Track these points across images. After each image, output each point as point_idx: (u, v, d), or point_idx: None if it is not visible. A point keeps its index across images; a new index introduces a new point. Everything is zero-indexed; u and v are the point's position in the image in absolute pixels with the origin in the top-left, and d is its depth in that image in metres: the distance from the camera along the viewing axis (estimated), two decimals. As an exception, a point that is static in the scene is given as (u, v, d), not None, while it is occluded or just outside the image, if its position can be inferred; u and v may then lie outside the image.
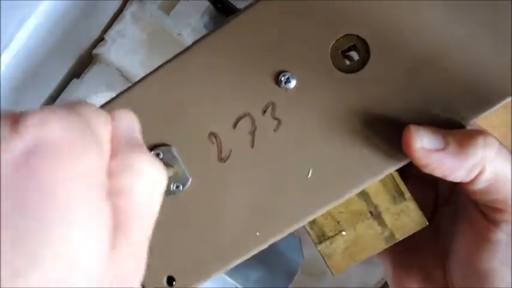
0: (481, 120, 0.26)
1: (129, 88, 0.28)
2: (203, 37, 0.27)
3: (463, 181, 0.24)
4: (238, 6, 0.57)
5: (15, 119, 0.16)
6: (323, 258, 0.28)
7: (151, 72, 0.28)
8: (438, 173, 0.24)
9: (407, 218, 0.27)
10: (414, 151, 0.24)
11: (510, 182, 0.24)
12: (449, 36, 0.25)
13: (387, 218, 0.27)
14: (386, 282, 0.61)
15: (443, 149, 0.24)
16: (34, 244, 0.14)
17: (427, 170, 0.25)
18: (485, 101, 0.25)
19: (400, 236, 0.28)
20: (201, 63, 0.27)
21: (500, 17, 0.24)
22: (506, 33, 0.24)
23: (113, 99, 0.28)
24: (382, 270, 0.62)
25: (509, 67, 0.24)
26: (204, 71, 0.27)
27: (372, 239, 0.28)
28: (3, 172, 0.15)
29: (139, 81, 0.28)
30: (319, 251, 0.28)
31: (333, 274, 0.28)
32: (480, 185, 0.24)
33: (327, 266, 0.28)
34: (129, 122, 0.20)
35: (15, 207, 0.15)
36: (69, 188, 0.15)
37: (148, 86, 0.28)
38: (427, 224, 0.28)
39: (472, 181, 0.24)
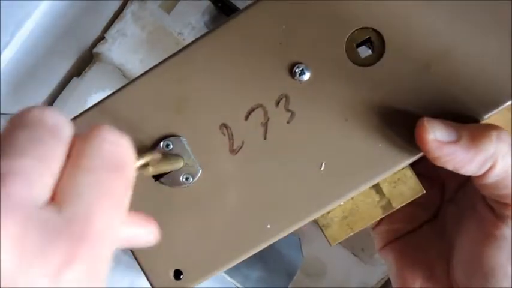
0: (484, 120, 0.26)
1: (139, 77, 0.27)
2: (215, 28, 0.27)
3: (474, 175, 0.24)
4: (238, 6, 0.57)
5: None
6: (320, 228, 0.28)
7: (162, 62, 0.27)
8: (450, 166, 0.24)
9: (404, 186, 0.27)
10: (427, 143, 0.24)
11: None
12: (461, 30, 0.25)
13: (384, 186, 0.27)
14: (386, 283, 0.61)
15: (455, 142, 0.24)
16: None
17: (439, 163, 0.24)
18: (498, 97, 0.24)
19: (397, 205, 0.27)
20: (213, 55, 0.27)
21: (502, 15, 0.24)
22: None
23: (123, 87, 0.28)
24: (382, 271, 0.62)
25: None
26: (215, 62, 0.27)
27: (369, 208, 0.27)
28: None
29: (149, 70, 0.27)
30: (316, 221, 0.27)
31: (330, 244, 0.28)
32: (491, 179, 0.24)
33: (324, 236, 0.28)
34: None
35: None
36: None
37: (159, 75, 0.27)
38: (424, 192, 0.27)
39: (483, 175, 0.24)
